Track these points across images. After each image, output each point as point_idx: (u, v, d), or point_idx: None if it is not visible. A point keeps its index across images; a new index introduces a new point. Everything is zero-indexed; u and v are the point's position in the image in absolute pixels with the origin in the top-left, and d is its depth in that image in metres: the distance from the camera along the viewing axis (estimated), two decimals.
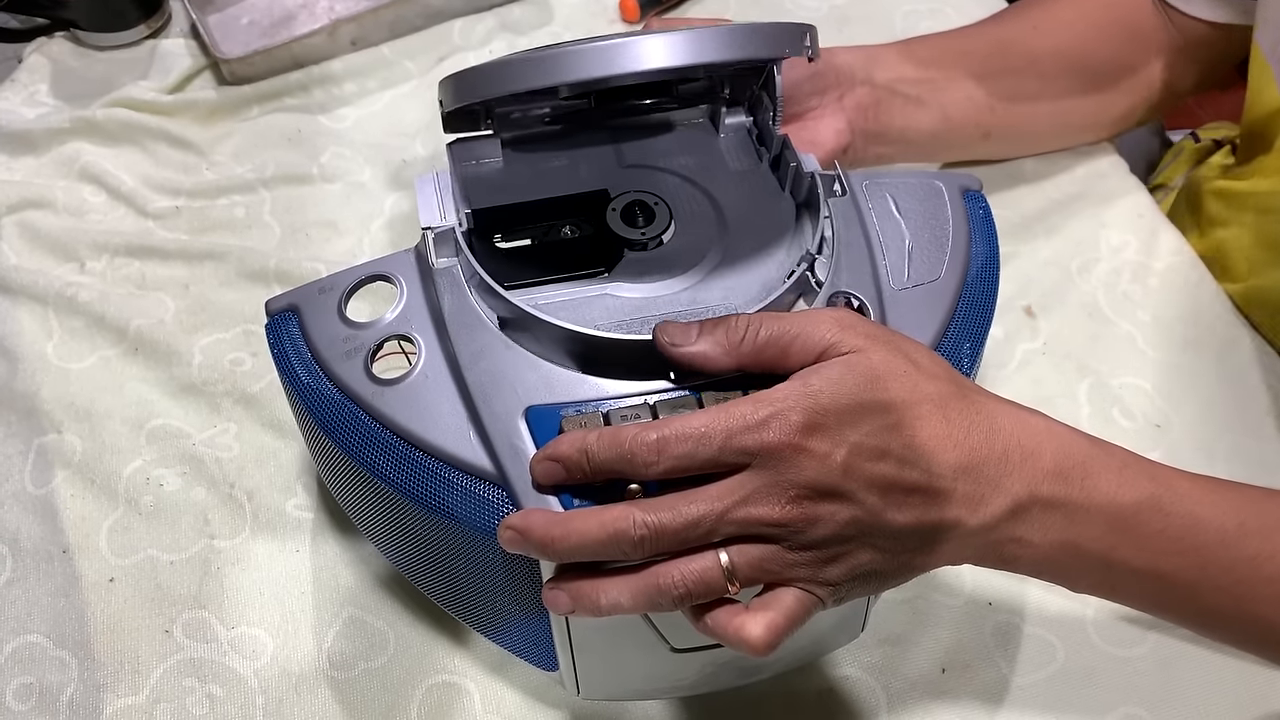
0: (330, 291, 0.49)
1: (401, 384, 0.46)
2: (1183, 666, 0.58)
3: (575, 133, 0.59)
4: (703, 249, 0.52)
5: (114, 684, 0.57)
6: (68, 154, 0.79)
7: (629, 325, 0.48)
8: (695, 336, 0.43)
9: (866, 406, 0.40)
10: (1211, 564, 0.45)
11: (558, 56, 0.47)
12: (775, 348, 0.42)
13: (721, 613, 0.41)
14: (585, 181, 0.56)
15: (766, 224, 0.54)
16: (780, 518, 0.40)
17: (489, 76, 0.51)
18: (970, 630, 0.59)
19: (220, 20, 0.87)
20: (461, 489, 0.44)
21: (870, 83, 0.67)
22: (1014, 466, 0.43)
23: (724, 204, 0.55)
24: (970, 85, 0.70)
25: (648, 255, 0.52)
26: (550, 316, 0.45)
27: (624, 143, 0.58)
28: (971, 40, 0.72)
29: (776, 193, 0.55)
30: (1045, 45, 0.71)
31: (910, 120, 0.69)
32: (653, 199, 0.54)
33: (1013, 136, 0.74)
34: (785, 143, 0.55)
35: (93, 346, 0.69)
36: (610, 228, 0.53)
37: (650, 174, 0.57)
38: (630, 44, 0.46)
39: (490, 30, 0.87)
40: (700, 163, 0.57)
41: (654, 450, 0.40)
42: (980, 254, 0.52)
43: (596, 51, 0.46)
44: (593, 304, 0.50)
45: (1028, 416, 0.44)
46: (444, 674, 0.58)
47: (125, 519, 0.63)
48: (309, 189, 0.78)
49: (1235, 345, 0.71)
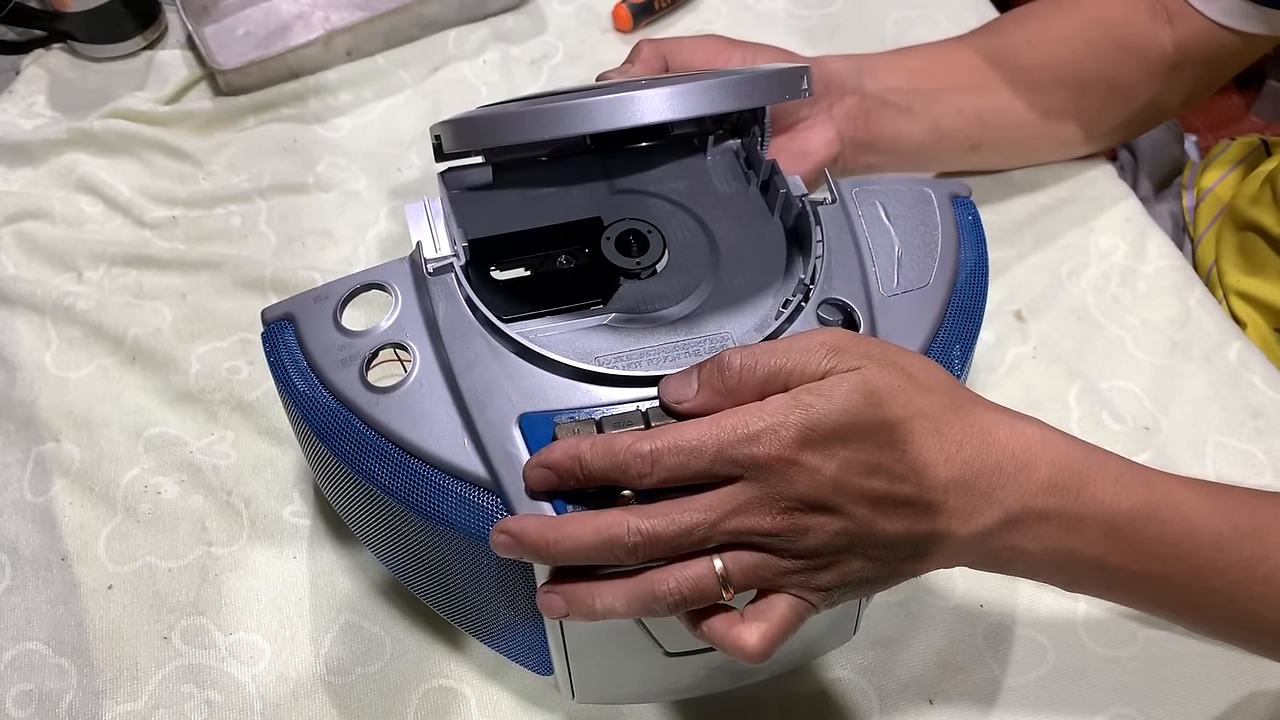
0: (325, 300, 0.49)
1: (396, 392, 0.46)
2: (1172, 666, 0.59)
3: (567, 158, 0.59)
4: (697, 277, 0.53)
5: (113, 690, 0.57)
6: (65, 165, 0.79)
7: (629, 357, 0.49)
8: (695, 389, 0.43)
9: (860, 424, 0.41)
10: (1206, 567, 0.45)
11: (558, 110, 0.47)
12: (775, 385, 0.42)
13: (717, 621, 0.42)
14: (577, 208, 0.56)
15: (758, 250, 0.54)
16: (772, 528, 0.40)
17: (489, 126, 0.51)
18: (962, 632, 0.60)
19: (216, 31, 0.87)
20: (456, 495, 0.44)
21: (860, 92, 0.68)
22: (1008, 479, 0.43)
23: (715, 230, 0.55)
24: (961, 97, 0.70)
25: (643, 284, 0.52)
26: (552, 353, 0.46)
27: (615, 167, 0.58)
28: (963, 52, 0.72)
29: (766, 217, 0.55)
30: (1037, 59, 0.71)
31: (900, 130, 0.69)
32: (646, 227, 0.54)
33: (1002, 149, 0.75)
34: (774, 168, 0.55)
35: (90, 355, 0.70)
36: (605, 257, 0.53)
37: (641, 200, 0.57)
38: (632, 98, 0.46)
39: (484, 40, 0.88)
40: (690, 187, 0.57)
41: (647, 461, 0.40)
42: (969, 260, 0.52)
43: (597, 105, 0.46)
44: (591, 336, 0.50)
45: (1023, 426, 0.44)
46: (440, 679, 0.58)
47: (123, 526, 0.63)
48: (305, 198, 0.79)
49: (1223, 348, 0.71)
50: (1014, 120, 0.72)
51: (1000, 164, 0.77)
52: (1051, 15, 0.73)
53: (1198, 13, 0.68)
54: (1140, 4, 0.70)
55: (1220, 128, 1.68)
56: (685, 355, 0.49)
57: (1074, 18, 0.72)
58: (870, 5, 0.91)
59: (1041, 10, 0.73)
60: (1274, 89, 1.69)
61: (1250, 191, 0.80)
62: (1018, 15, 0.74)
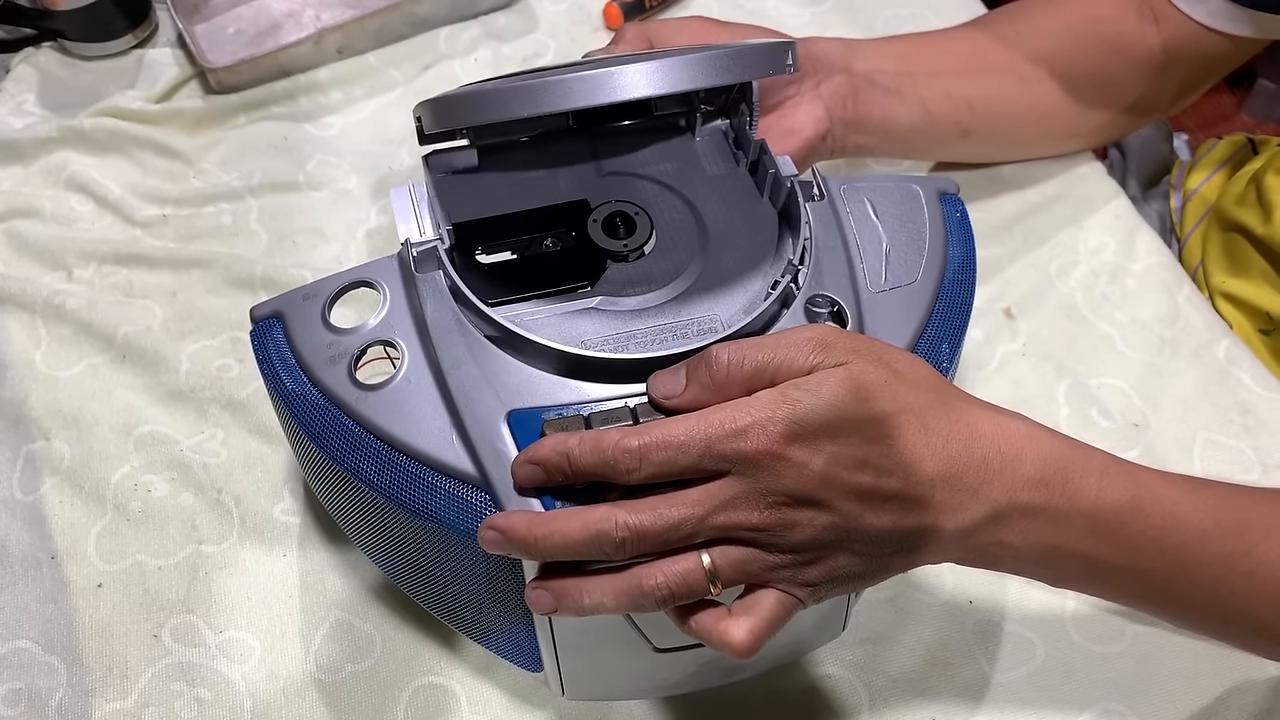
0: (314, 298, 0.49)
1: (385, 389, 0.46)
2: (1160, 662, 0.59)
3: (552, 141, 0.59)
4: (684, 259, 0.52)
5: (103, 689, 0.57)
6: (55, 163, 0.79)
7: (616, 340, 0.49)
8: (684, 384, 0.43)
9: (847, 419, 0.41)
10: (1190, 561, 0.46)
11: (538, 86, 0.46)
12: (762, 379, 0.42)
13: (705, 616, 0.42)
14: (564, 191, 0.56)
15: (747, 231, 0.54)
16: (759, 522, 0.41)
17: (469, 104, 0.51)
18: (951, 628, 0.60)
19: (207, 30, 0.87)
20: (444, 492, 0.44)
21: (849, 71, 0.67)
22: (994, 474, 0.43)
23: (704, 211, 0.55)
24: (950, 82, 0.70)
25: (630, 267, 0.52)
26: (539, 336, 0.45)
27: (601, 149, 0.58)
28: (952, 40, 0.73)
29: (755, 198, 0.55)
30: (1026, 51, 0.71)
31: (889, 111, 0.69)
32: (633, 209, 0.54)
33: (992, 138, 0.75)
34: (763, 148, 0.55)
35: (81, 354, 0.70)
36: (592, 239, 0.53)
37: (629, 181, 0.57)
38: (613, 73, 0.46)
39: (475, 38, 0.88)
40: (678, 168, 0.57)
41: (635, 457, 0.41)
42: (957, 257, 0.52)
43: (578, 81, 0.46)
44: (578, 319, 0.50)
45: (1009, 422, 0.45)
46: (430, 676, 0.58)
47: (113, 525, 0.63)
48: (295, 196, 0.78)
49: (1212, 345, 0.72)
50: (1004, 109, 0.72)
51: (992, 154, 0.78)
52: (1041, 11, 0.73)
53: (1183, 15, 0.68)
54: (1128, 3, 0.70)
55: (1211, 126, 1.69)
56: (673, 338, 0.49)
57: (1063, 14, 0.72)
58: (861, 4, 0.91)
59: (1032, 6, 0.74)
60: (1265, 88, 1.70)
61: (1236, 192, 0.80)
62: (1008, 11, 0.75)
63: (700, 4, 0.91)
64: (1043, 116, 0.74)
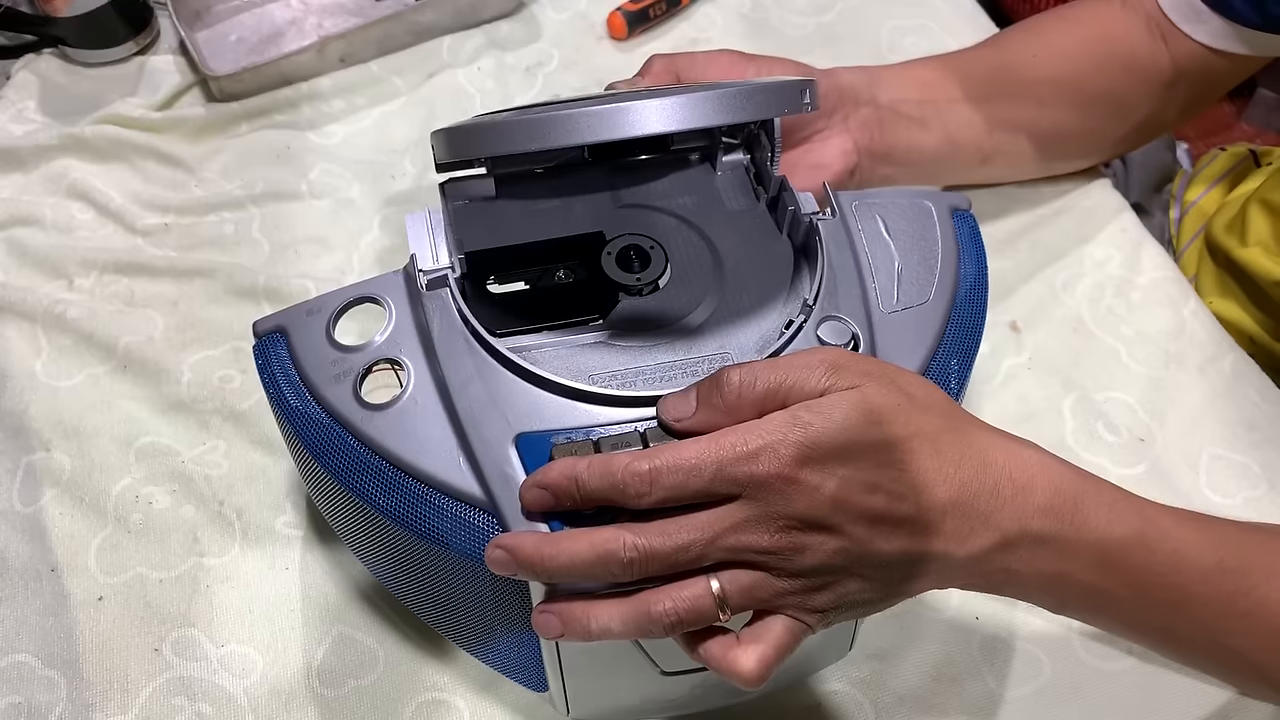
0: (318, 313, 0.49)
1: (390, 409, 0.46)
2: (1166, 681, 0.59)
3: (570, 171, 0.59)
4: (699, 295, 0.52)
5: (103, 703, 0.57)
6: (56, 171, 0.79)
7: (624, 376, 0.48)
8: (694, 407, 0.43)
9: (860, 442, 0.40)
10: (1191, 598, 0.46)
11: (551, 120, 0.46)
12: (774, 401, 0.41)
13: (714, 644, 0.42)
14: (580, 222, 0.55)
15: (763, 269, 0.53)
16: (769, 545, 0.40)
17: (483, 135, 0.50)
18: (958, 645, 0.60)
19: (209, 37, 0.87)
20: (451, 515, 0.44)
21: (874, 103, 0.68)
22: (1005, 501, 0.43)
23: (721, 247, 0.54)
24: (970, 108, 0.70)
25: (643, 301, 0.52)
26: (545, 371, 0.45)
27: (619, 181, 0.58)
28: (970, 64, 0.72)
29: (774, 235, 0.55)
30: (1042, 73, 0.71)
31: (914, 141, 0.69)
32: (648, 242, 0.53)
33: (1010, 161, 0.74)
34: (783, 184, 0.54)
35: (81, 364, 0.69)
36: (605, 272, 0.52)
37: (646, 214, 0.56)
38: (626, 109, 0.45)
39: (479, 47, 0.87)
40: (697, 202, 0.56)
41: (646, 481, 0.40)
42: (969, 275, 0.52)
43: (590, 116, 0.45)
44: (587, 352, 0.49)
45: (1020, 449, 0.44)
46: (433, 691, 0.58)
47: (114, 537, 0.63)
48: (298, 205, 0.78)
49: (1218, 360, 0.71)
50: (1021, 131, 0.72)
51: (1007, 177, 0.78)
52: (1055, 30, 0.73)
53: (1186, 37, 0.69)
54: (1138, 22, 0.70)
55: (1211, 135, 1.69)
56: (683, 375, 0.48)
57: (1076, 33, 0.72)
58: (865, 14, 0.91)
59: (1045, 25, 0.73)
60: (1264, 97, 1.70)
61: (1227, 217, 0.80)
62: (1022, 30, 0.74)
63: (703, 13, 0.90)
64: (1059, 138, 0.74)
